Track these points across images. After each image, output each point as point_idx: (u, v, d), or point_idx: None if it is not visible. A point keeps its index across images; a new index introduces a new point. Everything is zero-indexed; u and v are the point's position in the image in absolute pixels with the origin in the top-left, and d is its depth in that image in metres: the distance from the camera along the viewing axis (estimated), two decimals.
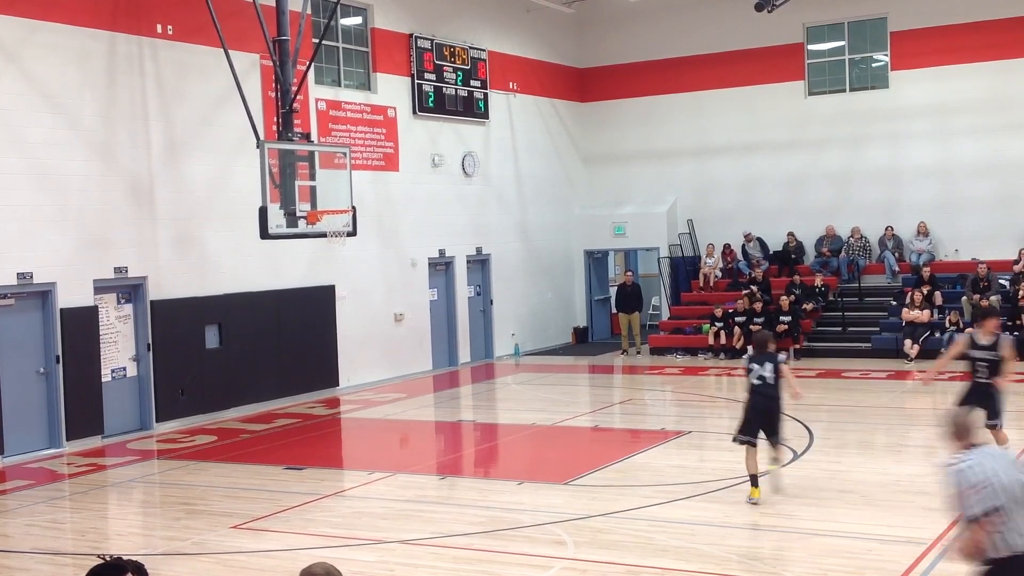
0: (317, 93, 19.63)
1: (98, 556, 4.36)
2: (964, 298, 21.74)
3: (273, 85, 16.74)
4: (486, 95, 24.14)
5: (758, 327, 21.62)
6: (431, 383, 21.00)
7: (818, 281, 23.64)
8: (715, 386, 19.87)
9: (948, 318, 21.25)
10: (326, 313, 19.62)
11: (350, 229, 16.87)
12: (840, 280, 24.12)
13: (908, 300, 21.77)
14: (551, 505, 11.15)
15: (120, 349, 16.22)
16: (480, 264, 24.10)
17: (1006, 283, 21.92)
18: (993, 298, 21.10)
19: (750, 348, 11.86)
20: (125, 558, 4.23)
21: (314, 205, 15.96)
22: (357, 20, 21.08)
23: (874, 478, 11.91)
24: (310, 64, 17.42)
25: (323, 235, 16.35)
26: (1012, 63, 23.08)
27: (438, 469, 13.86)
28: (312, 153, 15.91)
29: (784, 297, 22.84)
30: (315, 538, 10.22)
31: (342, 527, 10.59)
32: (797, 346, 22.17)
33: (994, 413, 11.07)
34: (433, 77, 22.53)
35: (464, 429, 16.71)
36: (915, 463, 12.82)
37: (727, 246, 25.56)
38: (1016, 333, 20.15)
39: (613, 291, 26.25)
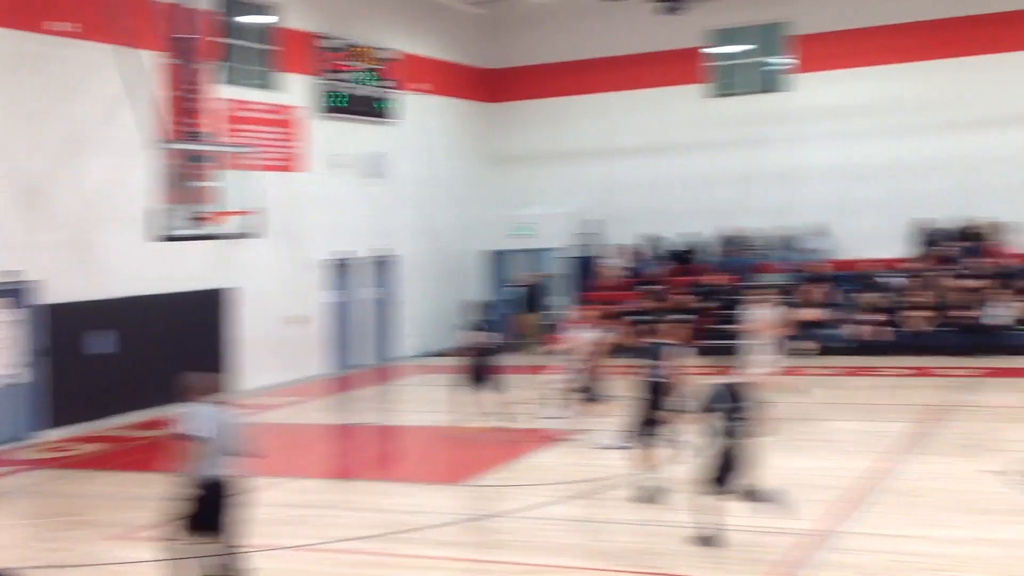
0: (221, 92, 19.30)
1: None
2: (857, 295, 22.38)
3: (176, 84, 16.47)
4: (395, 96, 24.11)
5: (662, 326, 21.99)
6: (330, 386, 20.86)
7: (719, 280, 24.10)
8: (620, 386, 20.01)
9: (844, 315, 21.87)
10: (224, 316, 19.39)
11: (253, 230, 16.73)
12: (741, 279, 24.61)
13: (805, 298, 22.33)
14: (447, 506, 11.22)
15: (10, 355, 15.82)
16: (385, 265, 24.05)
17: (899, 280, 22.59)
18: (884, 294, 21.85)
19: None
20: (3, 570, 4.20)
21: (215, 206, 15.80)
22: (263, 19, 20.82)
23: (764, 472, 12.14)
24: (213, 63, 17.12)
25: (222, 237, 16.15)
26: (908, 66, 23.83)
27: (332, 473, 13.80)
28: (214, 154, 15.69)
29: (687, 296, 23.25)
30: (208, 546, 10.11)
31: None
32: (700, 344, 22.52)
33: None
34: (341, 77, 22.42)
35: (360, 432, 16.64)
36: (802, 457, 13.15)
37: (631, 246, 25.91)
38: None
39: (514, 292, 26.37)
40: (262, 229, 17.46)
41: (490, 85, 27.62)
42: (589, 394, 14.09)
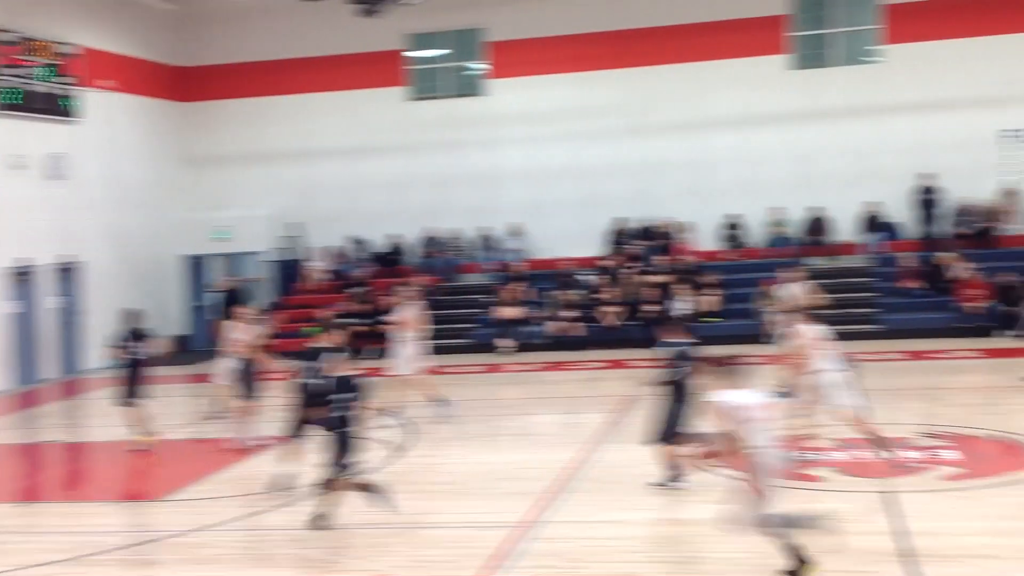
0: None
1: None
2: (552, 293, 23.27)
3: None
4: (78, 93, 22.69)
5: (366, 327, 22.03)
6: (11, 403, 19.36)
7: (420, 281, 24.33)
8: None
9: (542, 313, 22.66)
10: None
11: None
12: (442, 279, 25.01)
13: (501, 297, 22.98)
14: (146, 524, 10.70)
15: None
16: (70, 273, 22.60)
17: (592, 278, 23.67)
18: (577, 292, 22.84)
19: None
20: None
21: None
22: None
23: (469, 468, 12.46)
24: None
25: None
26: (595, 74, 24.99)
27: (16, 496, 12.80)
28: None
29: (389, 297, 23.30)
30: None
31: None
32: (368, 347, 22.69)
33: None
34: (16, 72, 20.83)
35: (47, 450, 15.57)
36: (507, 451, 13.55)
37: (333, 248, 25.72)
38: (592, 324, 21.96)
39: (215, 297, 25.53)
40: None
41: (183, 84, 26.62)
42: (246, 394, 13.85)
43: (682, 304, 21.53)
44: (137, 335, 14.11)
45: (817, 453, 11.84)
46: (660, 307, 22.17)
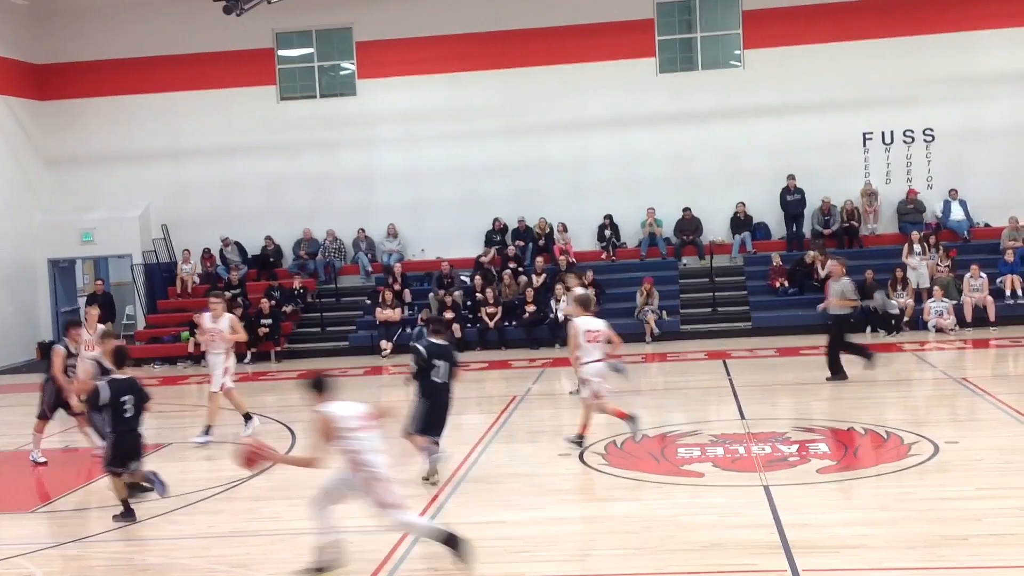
0: None
1: None
2: (431, 295, 23.26)
3: None
4: None
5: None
6: None
7: (297, 283, 24.08)
8: (197, 394, 19.46)
9: (420, 315, 22.62)
10: None
11: None
12: (318, 282, 24.75)
13: (380, 299, 22.88)
14: (17, 536, 10.32)
15: None
16: None
17: (467, 279, 23.77)
18: (457, 293, 22.87)
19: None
20: None
21: None
22: None
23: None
24: None
25: None
26: (469, 75, 25.07)
27: None
28: None
29: (264, 300, 23.00)
30: None
31: None
32: (278, 348, 22.47)
33: None
34: None
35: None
36: (393, 453, 13.47)
37: (206, 251, 25.21)
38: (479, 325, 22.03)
39: (83, 301, 24.78)
40: None
41: (42, 81, 25.79)
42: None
43: (562, 304, 21.77)
44: None
45: (698, 450, 12.12)
46: (537, 308, 22.41)
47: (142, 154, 25.72)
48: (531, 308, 22.49)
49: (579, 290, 15.47)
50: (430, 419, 11.21)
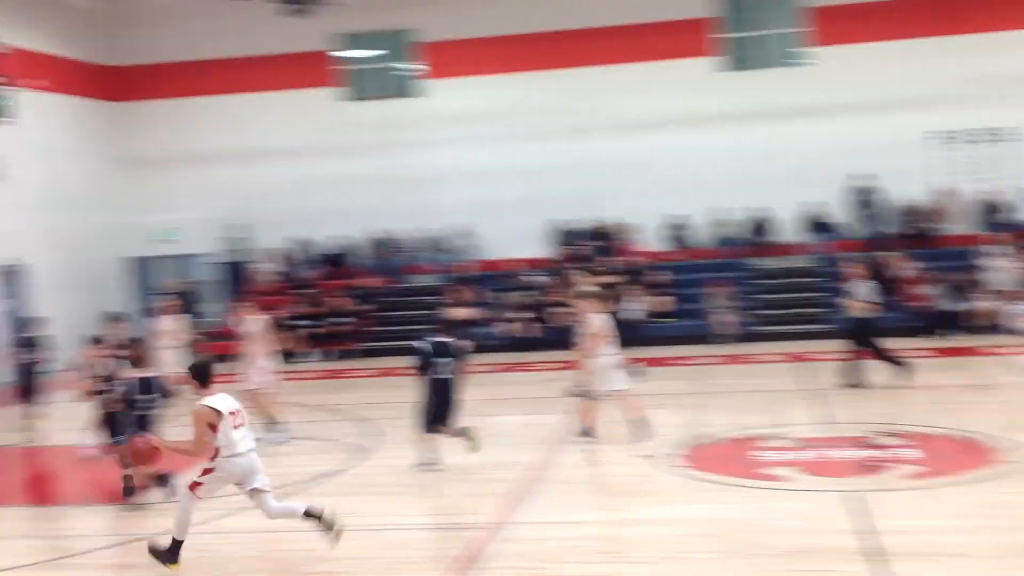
0: None
1: None
2: (507, 294, 23.31)
3: None
4: (8, 93, 22.28)
5: (318, 330, 21.97)
6: None
7: (368, 283, 24.28)
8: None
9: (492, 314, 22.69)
10: None
11: None
12: (388, 281, 24.93)
13: (451, 299, 22.95)
14: (113, 527, 10.55)
15: None
16: (14, 275, 22.16)
17: (541, 279, 23.73)
18: (520, 294, 22.95)
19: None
20: None
21: None
22: None
23: (432, 470, 12.40)
24: None
25: None
26: (531, 75, 25.11)
27: None
28: None
29: (341, 299, 23.24)
30: None
31: None
32: (349, 347, 22.68)
33: None
34: None
35: (5, 453, 15.25)
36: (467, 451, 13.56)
37: (280, 250, 25.52)
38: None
39: (156, 300, 25.16)
40: None
41: (115, 84, 26.27)
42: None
43: (633, 305, 21.70)
44: (29, 341, 14.05)
45: (780, 453, 12.02)
46: (611, 308, 22.32)
47: (210, 155, 26.12)
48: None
49: (591, 287, 15.58)
50: (434, 413, 11.86)
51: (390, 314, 24.04)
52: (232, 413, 8.94)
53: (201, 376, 9.11)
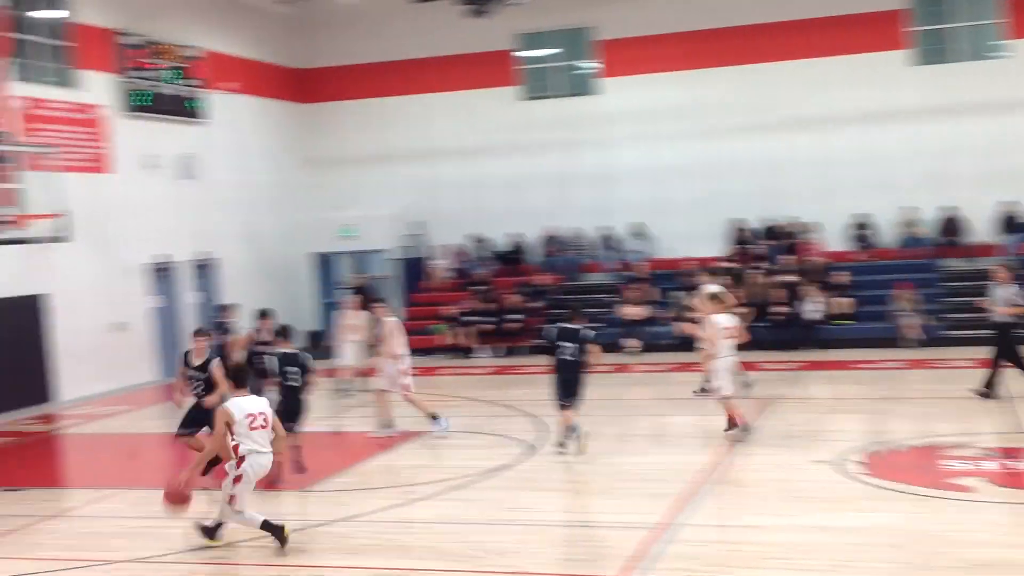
0: (16, 90, 18.12)
1: None
2: (679, 293, 23.04)
3: None
4: (203, 95, 23.40)
5: (491, 327, 22.27)
6: (157, 394, 20.06)
7: (543, 280, 24.45)
8: (453, 385, 20.06)
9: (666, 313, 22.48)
10: (36, 323, 18.40)
11: (62, 234, 15.96)
12: (565, 278, 25.04)
13: (626, 297, 22.90)
14: (291, 513, 10.95)
15: None
16: (207, 269, 23.33)
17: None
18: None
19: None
20: None
21: (18, 209, 14.98)
22: (56, 13, 19.70)
23: (602, 467, 12.42)
24: (5, 60, 16.21)
25: (27, 241, 15.36)
26: (711, 71, 24.76)
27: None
28: (13, 154, 14.88)
29: (513, 296, 23.49)
30: (42, 562, 9.59)
31: (71, 548, 10.01)
32: (526, 344, 22.84)
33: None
34: (145, 75, 21.60)
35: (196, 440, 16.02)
36: (639, 451, 13.49)
37: (455, 247, 25.99)
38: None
39: (341, 294, 26.03)
40: (71, 233, 16.68)
41: (302, 85, 27.23)
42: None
43: (812, 306, 21.13)
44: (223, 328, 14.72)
45: (968, 463, 11.48)
46: (788, 309, 21.82)
47: (392, 154, 26.78)
48: (780, 309, 21.89)
49: (714, 287, 15.35)
50: (559, 389, 12.84)
51: (562, 311, 24.06)
52: (251, 415, 9.45)
53: (237, 378, 9.82)
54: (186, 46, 22.92)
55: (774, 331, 21.64)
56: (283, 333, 12.55)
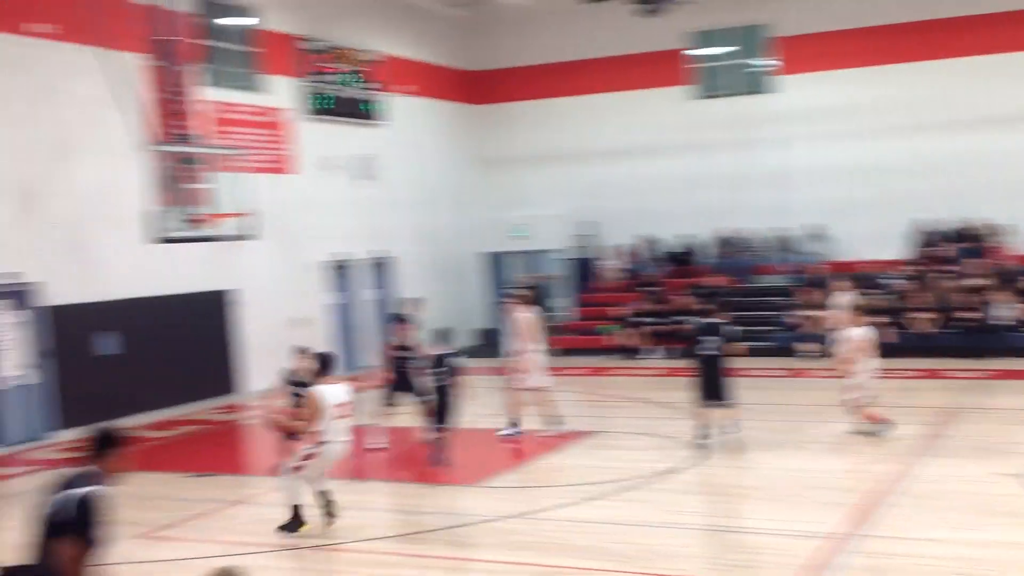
0: (206, 94, 19.04)
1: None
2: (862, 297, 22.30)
3: (161, 86, 16.36)
4: (381, 98, 24.00)
5: (662, 327, 22.06)
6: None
7: (715, 281, 24.05)
8: (623, 386, 19.99)
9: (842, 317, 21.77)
10: (224, 317, 19.25)
11: (249, 232, 16.62)
12: (738, 280, 24.59)
13: (804, 300, 22.29)
14: (463, 507, 11.12)
15: (17, 356, 15.69)
16: (383, 267, 23.94)
17: (899, 281, 22.53)
18: (873, 296, 21.80)
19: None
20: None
21: (210, 208, 15.66)
22: (244, 21, 20.59)
23: (776, 473, 12.15)
24: (197, 65, 17.04)
25: (218, 239, 16.04)
26: (893, 68, 23.87)
27: (345, 474, 13.59)
28: (205, 156, 15.61)
29: (684, 297, 23.20)
30: (227, 545, 10.00)
31: (254, 533, 10.38)
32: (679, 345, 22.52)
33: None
34: (325, 79, 22.30)
35: (370, 433, 16.42)
36: (815, 458, 13.12)
37: (628, 247, 25.86)
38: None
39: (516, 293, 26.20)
40: (258, 231, 17.35)
41: (475, 87, 27.57)
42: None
43: (1004, 311, 20.11)
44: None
45: None
46: (978, 315, 20.82)
47: (564, 154, 26.84)
48: (969, 314, 20.89)
49: (851, 297, 14.75)
50: (701, 385, 13.33)
51: (734, 314, 23.65)
52: (339, 405, 9.73)
53: (323, 365, 10.09)
54: (364, 50, 23.57)
55: (962, 337, 20.69)
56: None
